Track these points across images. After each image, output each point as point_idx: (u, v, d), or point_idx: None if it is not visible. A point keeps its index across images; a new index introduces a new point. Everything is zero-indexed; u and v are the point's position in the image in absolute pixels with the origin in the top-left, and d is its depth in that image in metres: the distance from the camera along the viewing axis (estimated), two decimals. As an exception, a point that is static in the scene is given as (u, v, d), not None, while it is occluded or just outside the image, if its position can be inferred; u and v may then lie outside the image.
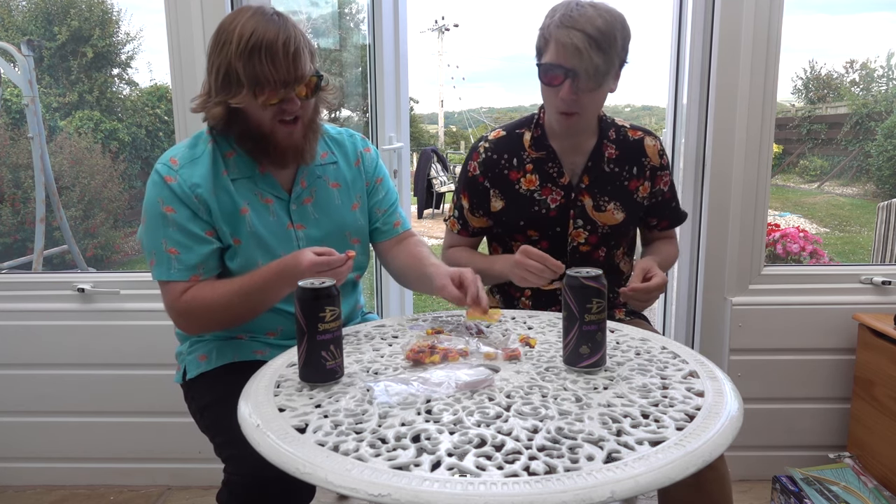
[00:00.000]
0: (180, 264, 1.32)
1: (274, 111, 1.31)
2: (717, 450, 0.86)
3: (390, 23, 2.42)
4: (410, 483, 0.78)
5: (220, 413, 1.30)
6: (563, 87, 1.43)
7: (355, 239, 1.49)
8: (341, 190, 1.48)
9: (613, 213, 1.60)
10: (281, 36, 1.25)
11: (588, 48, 1.38)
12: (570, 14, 1.41)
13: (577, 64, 1.40)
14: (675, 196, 1.72)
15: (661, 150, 1.65)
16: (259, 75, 1.25)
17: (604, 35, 1.39)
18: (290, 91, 1.29)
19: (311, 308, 1.05)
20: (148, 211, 1.34)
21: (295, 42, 1.27)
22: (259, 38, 1.24)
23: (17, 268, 5.19)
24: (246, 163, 1.38)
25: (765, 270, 2.11)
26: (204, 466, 2.12)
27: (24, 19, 9.06)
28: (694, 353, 1.18)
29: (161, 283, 1.35)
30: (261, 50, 1.24)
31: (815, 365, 2.11)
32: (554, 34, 1.42)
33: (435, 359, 1.15)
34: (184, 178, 1.32)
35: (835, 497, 1.82)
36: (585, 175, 1.59)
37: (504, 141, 1.62)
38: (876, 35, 27.61)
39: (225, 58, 1.27)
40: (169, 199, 1.32)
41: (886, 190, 10.35)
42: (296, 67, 1.27)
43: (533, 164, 1.60)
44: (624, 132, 1.63)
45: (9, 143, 6.80)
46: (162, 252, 1.32)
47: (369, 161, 1.54)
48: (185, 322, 1.36)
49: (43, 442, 2.21)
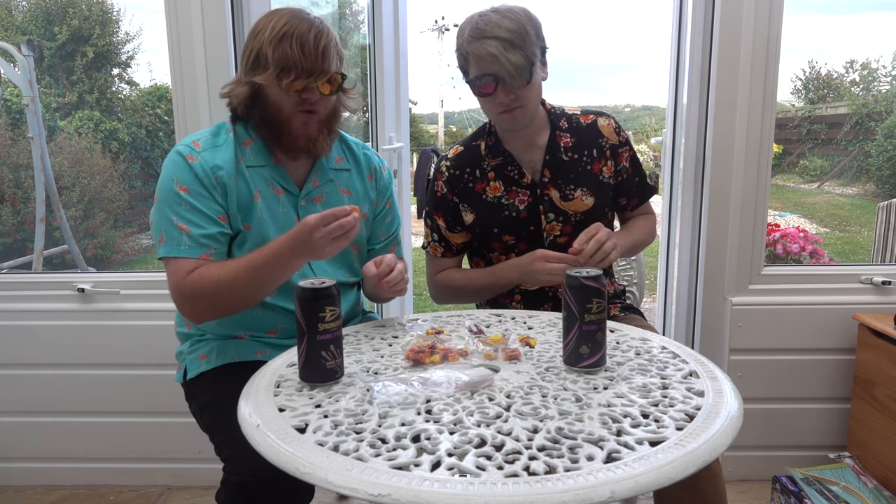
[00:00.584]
0: (191, 240, 1.30)
1: (295, 100, 1.33)
2: (718, 450, 0.86)
3: (390, 23, 2.42)
4: (410, 483, 0.78)
5: (219, 412, 1.30)
6: (497, 92, 1.48)
7: (355, 247, 1.51)
8: (351, 198, 1.50)
9: (582, 199, 1.62)
10: (313, 30, 1.31)
11: (504, 52, 1.42)
12: (476, 27, 1.46)
13: (500, 69, 1.44)
14: (638, 171, 1.71)
15: (616, 128, 1.66)
16: (286, 59, 1.30)
17: (515, 34, 1.43)
18: (313, 81, 1.32)
19: (311, 308, 1.05)
20: (161, 189, 1.34)
21: (326, 38, 1.32)
22: (292, 28, 1.31)
23: (17, 268, 5.19)
24: (262, 152, 1.41)
25: (765, 270, 2.11)
26: (204, 466, 2.12)
27: (24, 19, 9.05)
28: (694, 353, 1.18)
29: (168, 262, 1.31)
30: (291, 37, 1.30)
31: (815, 365, 2.11)
32: (469, 49, 1.47)
33: (435, 359, 1.15)
34: (206, 160, 1.34)
35: (835, 497, 1.82)
36: (545, 169, 1.61)
37: (463, 156, 1.66)
38: (876, 35, 27.61)
39: (257, 43, 1.33)
40: (185, 178, 1.32)
41: (886, 190, 10.34)
42: (323, 60, 1.31)
43: (494, 171, 1.63)
44: (576, 119, 1.66)
45: (9, 143, 6.80)
46: (173, 228, 1.30)
47: (383, 180, 1.57)
48: (191, 304, 1.31)
49: (43, 442, 2.21)
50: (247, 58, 1.35)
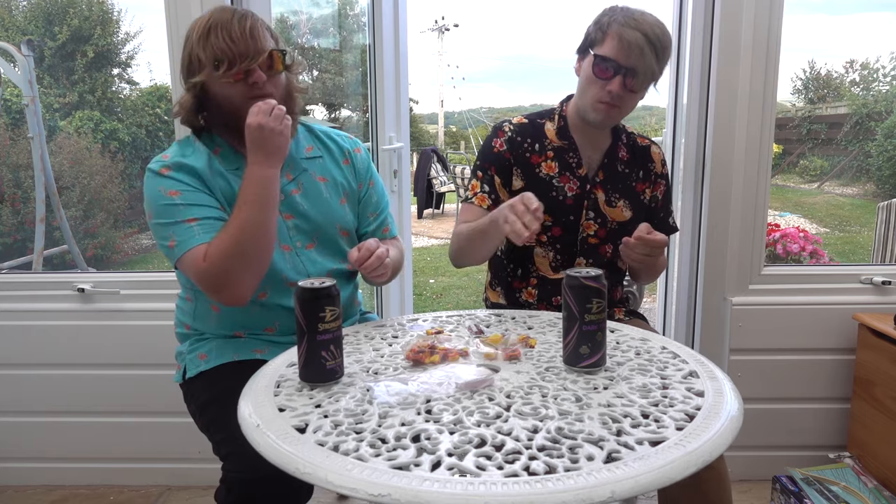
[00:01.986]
0: (201, 226, 1.30)
1: (242, 89, 1.32)
2: (717, 450, 0.86)
3: (390, 23, 2.42)
4: (410, 483, 0.78)
5: (218, 411, 1.30)
6: (614, 81, 1.48)
7: (345, 232, 1.50)
8: (328, 184, 1.49)
9: (622, 211, 1.65)
10: (236, 15, 1.31)
11: (648, 50, 1.45)
12: (633, 16, 1.47)
13: (636, 62, 1.46)
14: (667, 207, 1.75)
15: (663, 160, 1.73)
16: (217, 51, 1.29)
17: (661, 43, 1.47)
18: (251, 63, 1.30)
19: (311, 308, 1.05)
20: (153, 206, 1.33)
21: (251, 20, 1.32)
22: (214, 21, 1.31)
23: (17, 268, 5.19)
24: (232, 156, 1.40)
25: (765, 270, 2.11)
26: (204, 466, 2.12)
27: (24, 19, 9.05)
28: (694, 353, 1.18)
29: (184, 260, 1.29)
30: (217, 29, 1.30)
31: (815, 365, 2.11)
32: (616, 30, 1.47)
33: (435, 359, 1.15)
34: (177, 163, 1.34)
35: (835, 497, 1.82)
36: (601, 170, 1.64)
37: (527, 127, 1.65)
38: (876, 35, 27.60)
39: (187, 49, 1.34)
40: (170, 184, 1.32)
41: (886, 190, 10.34)
42: (253, 39, 1.30)
43: (554, 151, 1.64)
44: (634, 138, 1.71)
45: (9, 143, 6.80)
46: (182, 226, 1.30)
47: (360, 161, 1.55)
48: (221, 279, 1.27)
49: (43, 442, 2.21)
50: (183, 67, 1.35)
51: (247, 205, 1.27)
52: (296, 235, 1.44)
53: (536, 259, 1.65)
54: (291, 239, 1.43)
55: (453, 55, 30.89)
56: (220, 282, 1.28)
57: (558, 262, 1.65)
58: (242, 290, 1.30)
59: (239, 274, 1.27)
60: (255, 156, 1.28)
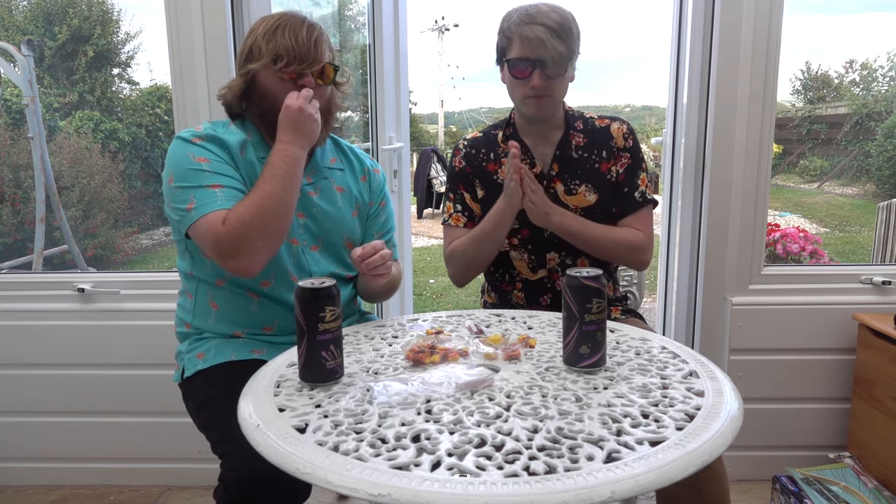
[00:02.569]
0: (225, 194, 1.30)
1: (290, 87, 1.37)
2: (717, 450, 0.86)
3: (390, 23, 2.42)
4: (410, 483, 0.78)
5: (216, 410, 1.31)
6: (533, 76, 1.54)
7: (349, 243, 1.53)
8: (344, 195, 1.53)
9: (585, 195, 1.66)
10: (305, 23, 1.38)
11: (550, 38, 1.51)
12: (527, 13, 1.55)
13: (543, 53, 1.52)
14: (631, 181, 1.67)
15: (626, 133, 1.69)
16: (280, 47, 1.35)
17: (561, 27, 1.53)
18: (307, 68, 1.37)
19: (311, 308, 1.05)
20: (178, 169, 1.33)
21: (318, 31, 1.39)
22: (284, 22, 1.37)
23: (17, 268, 5.19)
24: (262, 145, 1.44)
25: (765, 270, 2.11)
26: (204, 466, 2.12)
27: (24, 19, 9.05)
28: (694, 353, 1.18)
29: (200, 224, 1.28)
30: (285, 28, 1.36)
31: (815, 365, 2.11)
32: (517, 31, 1.54)
33: (435, 359, 1.15)
34: (210, 136, 1.38)
35: (835, 497, 1.82)
36: (555, 163, 1.67)
37: (481, 139, 1.74)
38: (876, 35, 27.61)
39: (251, 39, 1.39)
40: (199, 152, 1.35)
41: (886, 190, 10.34)
42: (315, 49, 1.37)
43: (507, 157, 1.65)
44: (592, 121, 1.71)
45: (9, 143, 6.79)
46: (205, 191, 1.30)
47: (377, 181, 1.61)
48: (237, 246, 1.26)
49: (43, 442, 2.21)
50: (241, 55, 1.41)
51: (273, 178, 1.30)
52: (303, 234, 1.46)
53: (515, 263, 1.70)
54: (300, 236, 1.45)
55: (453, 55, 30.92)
56: (235, 248, 1.26)
57: (534, 263, 1.69)
58: (255, 260, 1.29)
59: (255, 243, 1.27)
60: (287, 134, 1.33)
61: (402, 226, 2.54)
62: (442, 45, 31.53)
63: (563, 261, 1.68)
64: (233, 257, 1.27)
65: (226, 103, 1.44)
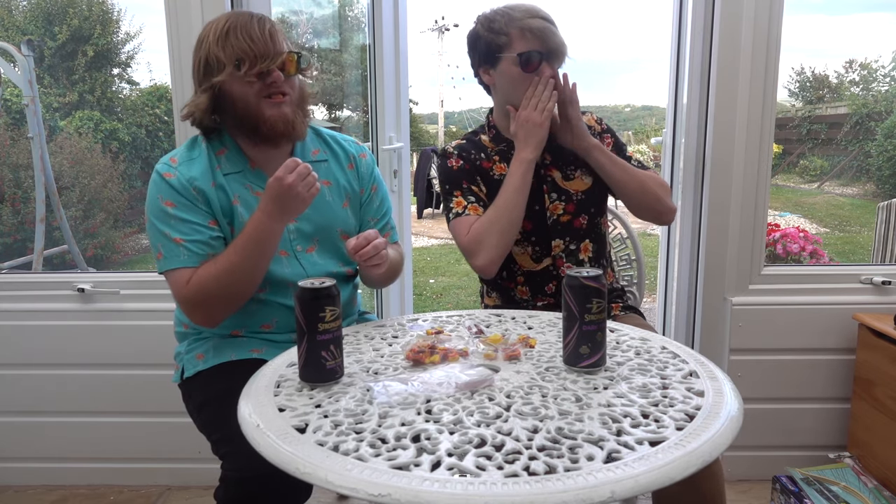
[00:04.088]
0: (188, 251, 1.33)
1: (258, 88, 1.34)
2: (717, 450, 0.86)
3: (390, 23, 2.42)
4: (410, 483, 0.78)
5: (216, 410, 1.31)
6: (543, 68, 1.56)
7: (345, 236, 1.50)
8: (332, 188, 1.50)
9: (582, 179, 1.68)
10: (255, 18, 1.35)
11: (553, 30, 1.56)
12: (525, 8, 1.57)
13: (552, 44, 1.56)
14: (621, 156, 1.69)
15: (598, 119, 1.75)
16: (238, 51, 1.32)
17: (553, 19, 1.57)
18: (270, 64, 1.33)
19: (311, 308, 1.05)
20: (150, 209, 1.36)
21: (269, 23, 1.35)
22: (233, 23, 1.34)
23: (17, 268, 5.19)
24: (238, 158, 1.42)
25: (765, 270, 2.11)
26: (204, 466, 2.12)
27: (24, 19, 9.05)
28: (694, 353, 1.18)
29: (168, 275, 1.34)
30: (237, 30, 1.32)
31: (815, 365, 2.11)
32: (519, 26, 1.55)
33: (435, 359, 1.15)
34: (182, 173, 1.36)
35: (835, 497, 1.82)
36: (546, 153, 1.66)
37: (466, 144, 1.72)
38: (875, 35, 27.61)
39: (204, 51, 1.35)
40: (168, 194, 1.34)
41: (886, 190, 10.33)
42: (273, 42, 1.34)
43: (498, 155, 1.70)
44: None
45: (9, 143, 6.79)
46: (169, 242, 1.33)
47: (365, 167, 1.57)
48: (198, 308, 1.34)
49: (43, 442, 2.21)
50: (198, 69, 1.36)
51: (245, 250, 1.30)
52: (296, 239, 1.45)
53: (516, 257, 1.69)
54: (291, 243, 1.44)
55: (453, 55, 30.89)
56: (196, 309, 1.34)
57: (538, 253, 1.69)
58: (216, 319, 1.37)
59: (215, 307, 1.34)
60: (270, 206, 1.28)
61: (403, 226, 2.54)
62: (442, 45, 31.49)
63: (567, 247, 1.68)
64: (193, 315, 1.35)
65: (196, 122, 1.40)
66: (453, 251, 7.14)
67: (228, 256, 1.31)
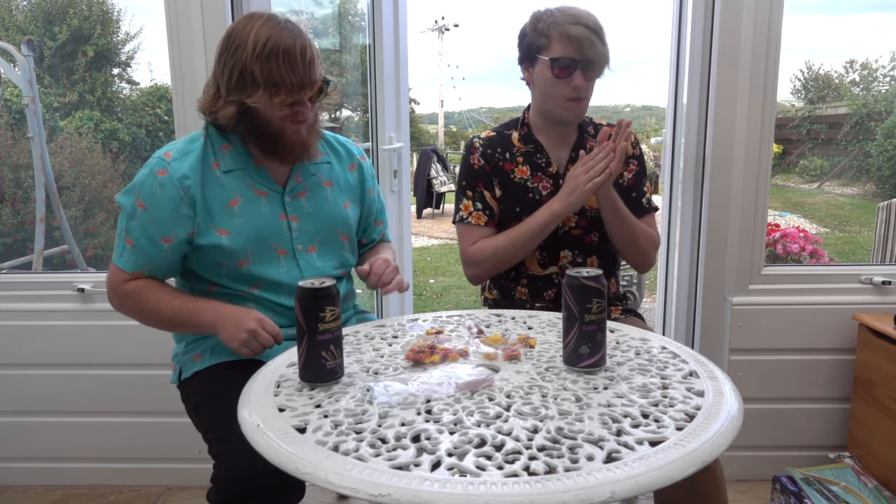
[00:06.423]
0: (131, 256, 1.37)
1: (285, 112, 1.34)
2: (717, 450, 0.86)
3: (390, 23, 2.42)
4: (410, 483, 0.78)
5: (213, 410, 1.32)
6: (575, 76, 1.55)
7: (345, 236, 1.53)
8: (334, 189, 1.52)
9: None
10: (298, 43, 1.30)
11: (595, 39, 1.54)
12: (569, 13, 1.55)
13: (589, 53, 1.54)
14: (638, 187, 1.72)
15: (634, 142, 1.73)
16: (276, 77, 1.29)
17: (601, 28, 1.56)
18: (304, 95, 1.33)
19: (311, 308, 1.05)
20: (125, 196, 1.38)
21: (311, 49, 1.33)
22: (276, 43, 1.28)
23: (17, 268, 5.18)
24: (241, 155, 1.42)
25: (765, 270, 2.11)
26: (204, 466, 2.09)
27: (24, 19, 9.05)
28: (694, 353, 1.18)
29: (110, 266, 1.41)
30: (279, 54, 1.28)
31: (815, 365, 2.11)
32: (559, 31, 1.54)
33: (435, 359, 1.15)
34: (174, 170, 1.35)
35: (835, 497, 1.82)
36: (570, 164, 1.67)
37: (495, 139, 1.72)
38: (876, 35, 27.62)
39: (240, 60, 1.29)
40: (146, 193, 1.34)
41: (886, 190, 10.34)
42: (311, 73, 1.33)
43: (523, 156, 1.70)
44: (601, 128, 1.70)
45: (9, 143, 6.79)
46: (122, 238, 1.38)
47: (367, 169, 1.61)
48: (118, 303, 1.42)
49: (43, 442, 2.21)
50: (228, 75, 1.31)
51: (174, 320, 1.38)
52: (298, 237, 1.46)
53: (525, 260, 1.70)
54: (293, 242, 1.45)
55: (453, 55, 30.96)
56: (119, 305, 1.43)
57: (545, 259, 1.70)
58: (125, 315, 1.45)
59: (134, 317, 1.44)
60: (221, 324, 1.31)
61: (403, 226, 2.54)
62: (442, 45, 31.52)
63: (574, 259, 1.69)
64: (111, 303, 1.45)
65: (217, 125, 1.40)
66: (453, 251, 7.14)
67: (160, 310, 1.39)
